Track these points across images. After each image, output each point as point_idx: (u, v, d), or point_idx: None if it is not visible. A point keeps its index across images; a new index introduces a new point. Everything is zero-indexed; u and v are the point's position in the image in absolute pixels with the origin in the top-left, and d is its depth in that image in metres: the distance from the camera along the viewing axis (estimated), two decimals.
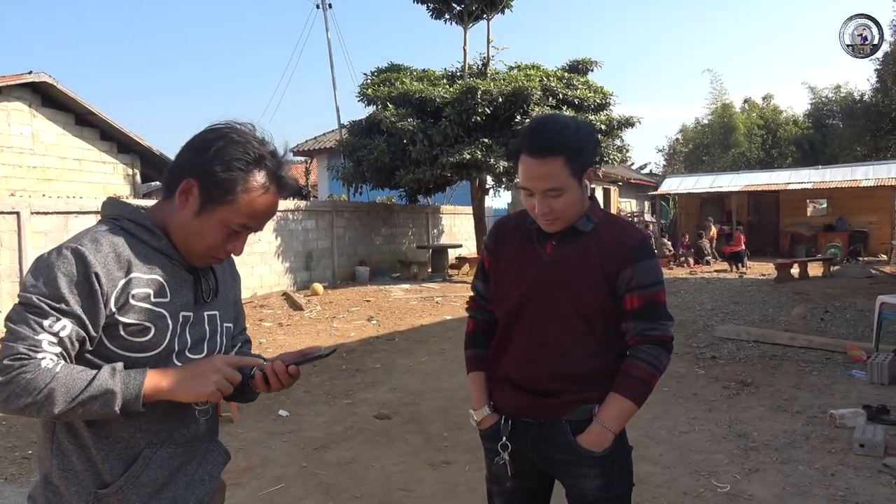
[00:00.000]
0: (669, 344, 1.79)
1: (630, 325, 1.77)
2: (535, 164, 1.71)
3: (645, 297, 1.75)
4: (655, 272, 1.78)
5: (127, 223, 1.36)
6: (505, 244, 1.90)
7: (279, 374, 1.44)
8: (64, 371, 1.20)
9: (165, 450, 1.38)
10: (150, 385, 1.27)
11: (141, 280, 1.32)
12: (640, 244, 1.78)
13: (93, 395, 1.21)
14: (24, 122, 12.37)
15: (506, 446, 1.82)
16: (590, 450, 1.74)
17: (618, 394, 1.74)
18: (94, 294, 1.25)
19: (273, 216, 1.46)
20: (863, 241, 19.58)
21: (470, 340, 2.04)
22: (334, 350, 1.57)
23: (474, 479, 3.91)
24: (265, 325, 9.68)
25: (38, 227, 8.57)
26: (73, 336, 1.24)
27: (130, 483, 1.33)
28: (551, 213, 1.73)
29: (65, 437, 1.32)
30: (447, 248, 16.78)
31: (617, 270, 1.74)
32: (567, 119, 1.78)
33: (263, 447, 4.53)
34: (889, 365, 5.63)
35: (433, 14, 15.34)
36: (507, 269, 1.87)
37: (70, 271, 1.24)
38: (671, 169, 34.12)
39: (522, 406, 1.82)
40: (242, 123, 1.41)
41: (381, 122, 13.93)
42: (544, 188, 1.71)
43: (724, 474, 3.86)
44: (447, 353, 7.61)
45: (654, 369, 1.75)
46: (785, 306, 10.24)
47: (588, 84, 15.17)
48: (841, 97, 27.68)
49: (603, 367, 1.78)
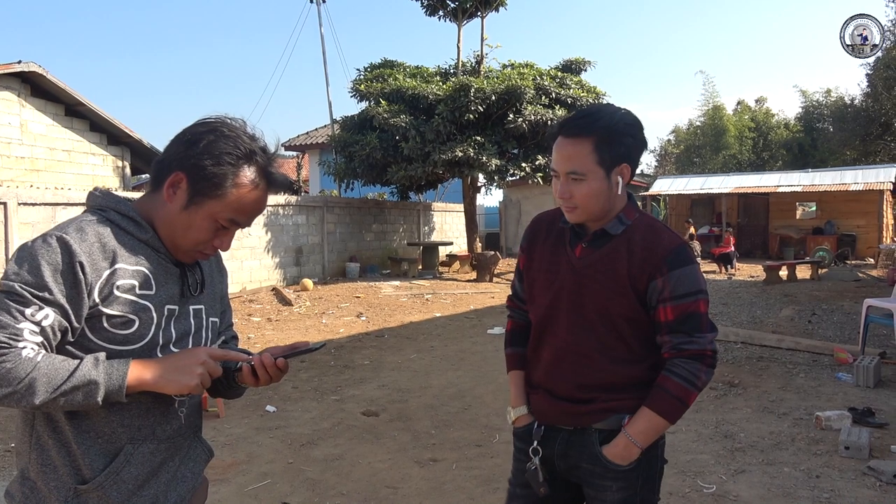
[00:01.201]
0: (710, 358, 1.67)
1: (665, 339, 1.67)
2: (564, 143, 1.66)
3: (680, 308, 1.64)
4: (692, 281, 1.66)
5: (113, 214, 1.34)
6: (538, 244, 1.83)
7: (267, 366, 1.41)
8: (45, 361, 1.18)
9: (147, 445, 1.35)
10: (133, 376, 1.24)
11: (126, 271, 1.29)
12: (674, 252, 1.66)
13: (75, 386, 1.19)
14: (12, 112, 12.25)
15: (537, 451, 1.78)
16: (614, 462, 1.68)
17: (648, 408, 1.66)
18: (78, 284, 1.23)
19: (262, 212, 1.44)
20: (851, 244, 19.71)
21: (509, 339, 1.97)
22: (324, 344, 1.55)
23: (461, 477, 3.90)
24: (254, 320, 9.64)
25: (25, 218, 8.50)
26: (55, 325, 1.21)
27: (111, 479, 1.30)
28: (570, 199, 1.66)
29: (44, 430, 1.30)
30: (438, 246, 16.78)
31: (647, 279, 1.65)
32: (612, 108, 1.71)
33: (250, 443, 4.51)
34: (875, 368, 5.67)
35: (427, 11, 15.33)
36: (538, 271, 1.81)
37: (54, 260, 1.22)
38: (662, 170, 34.23)
39: (555, 412, 1.77)
40: (233, 118, 1.39)
41: (373, 118, 13.91)
42: (567, 170, 1.65)
43: (711, 475, 3.88)
44: (436, 350, 7.61)
45: (691, 385, 1.64)
46: (773, 308, 10.30)
47: (581, 84, 15.19)
48: (831, 101, 27.84)
49: (637, 376, 1.71)
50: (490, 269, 14.55)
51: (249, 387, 1.50)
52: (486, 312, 10.44)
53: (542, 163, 14.29)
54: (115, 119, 13.95)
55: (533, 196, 20.80)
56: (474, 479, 3.88)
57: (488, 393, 5.74)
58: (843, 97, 26.46)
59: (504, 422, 4.88)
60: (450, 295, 12.22)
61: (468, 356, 7.22)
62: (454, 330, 8.95)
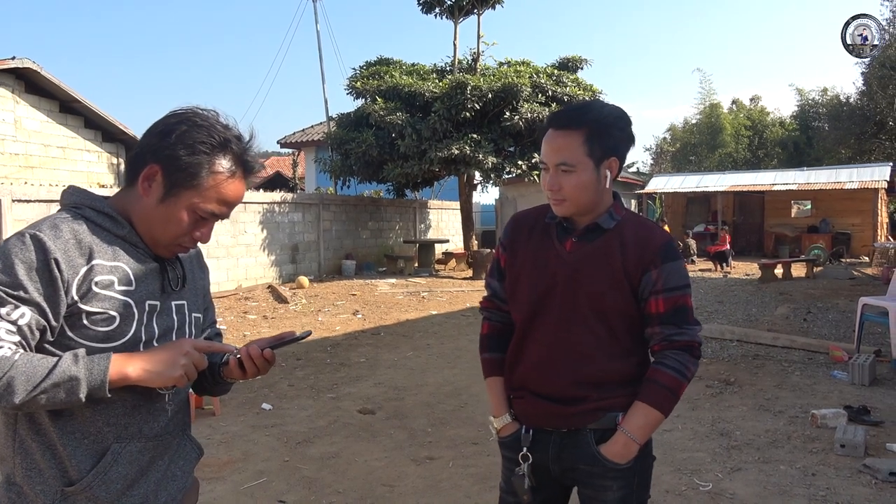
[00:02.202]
0: (697, 350, 1.69)
1: (655, 330, 1.68)
2: (554, 135, 1.66)
3: (671, 300, 1.66)
4: (682, 275, 1.69)
5: (88, 211, 1.32)
6: (521, 240, 1.80)
7: (254, 358, 1.39)
8: (23, 359, 1.15)
9: (135, 444, 1.33)
10: (115, 370, 1.21)
11: (104, 267, 1.27)
12: (666, 245, 1.69)
13: (55, 383, 1.16)
14: (6, 109, 12.19)
15: (526, 457, 1.74)
16: (614, 461, 1.67)
17: (643, 402, 1.65)
18: (55, 281, 1.20)
19: (240, 202, 1.41)
20: (845, 242, 19.77)
21: (485, 344, 1.92)
22: (309, 333, 1.54)
23: (458, 476, 3.90)
24: (249, 317, 9.61)
25: (19, 215, 8.45)
26: (32, 324, 1.19)
27: (99, 480, 1.27)
28: (560, 191, 1.66)
29: (28, 433, 1.27)
30: (434, 243, 16.77)
31: (641, 272, 1.66)
32: (601, 103, 1.72)
33: (245, 440, 4.49)
34: (870, 366, 5.68)
35: (424, 8, 15.30)
36: (523, 266, 1.77)
37: (28, 258, 1.19)
38: (658, 168, 34.25)
39: (544, 415, 1.73)
40: (205, 109, 1.37)
41: (369, 115, 13.88)
42: (557, 161, 1.65)
43: (707, 473, 3.88)
44: (432, 348, 7.60)
45: (682, 376, 1.65)
46: (768, 306, 10.32)
47: (577, 81, 15.19)
48: (827, 100, 27.90)
49: (628, 373, 1.70)
50: (486, 267, 14.53)
51: (236, 381, 1.48)
52: None
53: (538, 161, 14.27)
54: (109, 116, 13.91)
55: (529, 194, 20.80)
56: (471, 477, 3.87)
57: (484, 391, 5.68)
58: (839, 96, 26.54)
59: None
60: (446, 292, 12.21)
61: (464, 354, 7.21)
62: (450, 328, 8.94)
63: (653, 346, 1.71)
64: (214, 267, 11.23)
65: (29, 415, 1.26)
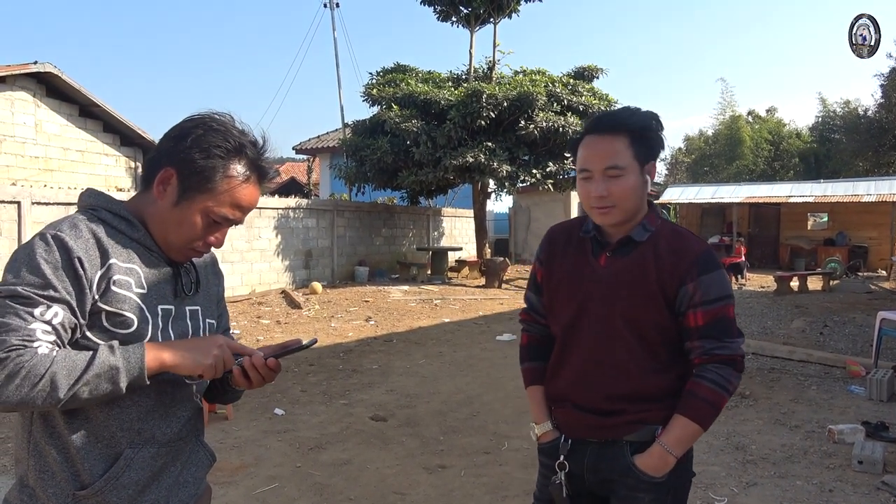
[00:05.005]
0: (740, 363, 1.64)
1: (695, 344, 1.64)
2: (598, 140, 1.64)
3: (710, 313, 1.61)
4: (722, 286, 1.64)
5: (104, 213, 1.32)
6: (558, 255, 1.79)
7: (258, 366, 1.38)
8: (62, 355, 1.16)
9: (148, 450, 1.32)
10: (151, 357, 1.23)
11: (120, 268, 1.28)
12: (702, 256, 1.64)
13: (97, 374, 1.17)
14: (27, 112, 12.35)
15: (563, 466, 1.73)
16: (648, 473, 1.64)
17: (682, 415, 1.62)
18: (80, 279, 1.21)
19: (254, 207, 1.41)
20: (862, 256, 19.55)
21: (525, 354, 1.92)
22: (315, 341, 1.53)
23: (470, 485, 3.88)
24: (263, 322, 9.64)
25: (38, 217, 8.55)
26: (65, 323, 1.19)
27: (111, 484, 1.27)
28: (609, 196, 1.62)
29: (42, 436, 1.27)
30: (447, 251, 16.76)
31: (677, 285, 1.62)
32: (635, 108, 1.73)
33: (258, 446, 4.50)
34: (888, 381, 5.60)
35: (440, 16, 15.36)
36: (560, 282, 1.76)
37: (54, 258, 1.20)
38: (673, 178, 34.10)
39: (583, 425, 1.73)
40: (221, 114, 1.38)
41: (385, 122, 13.93)
42: (605, 166, 1.62)
43: (722, 487, 3.83)
44: (445, 356, 7.58)
45: (723, 390, 1.61)
46: (784, 319, 10.21)
47: (593, 91, 15.18)
48: (845, 112, 27.68)
49: (667, 386, 1.67)
50: (499, 275, 14.52)
51: (245, 389, 1.47)
52: (494, 318, 10.41)
53: (552, 169, 14.25)
54: (128, 120, 14.05)
55: (543, 203, 20.77)
56: (483, 487, 3.85)
57: (497, 400, 5.71)
58: (857, 108, 26.32)
59: (513, 429, 4.85)
60: (458, 300, 12.20)
61: (477, 362, 7.19)
62: (463, 336, 8.93)
63: (693, 359, 1.66)
64: (229, 272, 11.30)
65: (44, 417, 1.26)
